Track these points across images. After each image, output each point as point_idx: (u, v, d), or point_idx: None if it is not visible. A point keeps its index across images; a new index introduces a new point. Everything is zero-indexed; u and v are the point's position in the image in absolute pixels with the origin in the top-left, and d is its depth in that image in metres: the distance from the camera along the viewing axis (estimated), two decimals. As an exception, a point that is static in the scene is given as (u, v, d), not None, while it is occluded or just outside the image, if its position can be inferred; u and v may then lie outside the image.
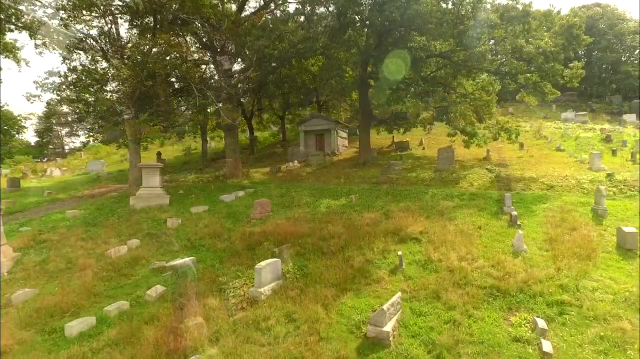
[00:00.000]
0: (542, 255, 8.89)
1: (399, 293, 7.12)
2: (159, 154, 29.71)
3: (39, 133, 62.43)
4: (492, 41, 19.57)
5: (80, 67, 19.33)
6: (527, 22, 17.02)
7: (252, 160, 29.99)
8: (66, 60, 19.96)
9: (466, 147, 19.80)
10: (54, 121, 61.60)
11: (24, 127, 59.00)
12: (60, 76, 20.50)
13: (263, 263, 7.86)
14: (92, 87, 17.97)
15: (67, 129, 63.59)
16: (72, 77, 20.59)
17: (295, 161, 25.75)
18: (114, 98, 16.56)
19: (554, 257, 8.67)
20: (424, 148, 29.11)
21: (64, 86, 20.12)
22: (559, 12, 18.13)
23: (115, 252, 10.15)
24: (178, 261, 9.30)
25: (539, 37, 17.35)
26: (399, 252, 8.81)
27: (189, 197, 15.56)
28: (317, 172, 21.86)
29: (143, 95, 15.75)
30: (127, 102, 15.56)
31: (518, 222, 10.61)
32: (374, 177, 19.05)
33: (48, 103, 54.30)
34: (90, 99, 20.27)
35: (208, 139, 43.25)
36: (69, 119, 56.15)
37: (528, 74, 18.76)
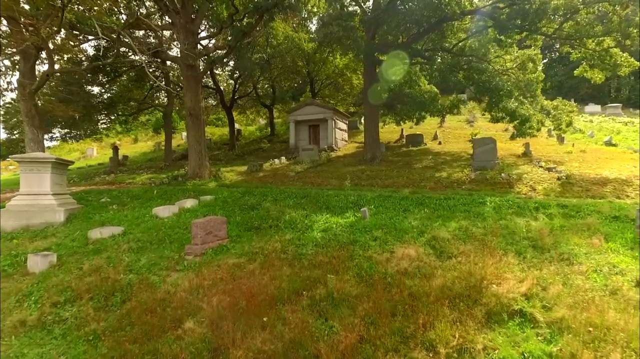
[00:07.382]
0: None
1: None
2: (115, 148, 23.94)
3: (8, 129, 56.57)
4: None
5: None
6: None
7: (231, 157, 24.39)
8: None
9: (521, 136, 14.42)
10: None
11: (-10, 121, 52.81)
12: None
13: None
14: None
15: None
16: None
17: (283, 158, 20.28)
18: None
19: None
20: (440, 142, 24.09)
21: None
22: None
23: None
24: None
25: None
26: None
27: (107, 209, 9.96)
28: (311, 171, 16.40)
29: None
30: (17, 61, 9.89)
31: None
32: (389, 177, 13.66)
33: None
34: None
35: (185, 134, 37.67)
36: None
37: (602, 37, 13.52)
